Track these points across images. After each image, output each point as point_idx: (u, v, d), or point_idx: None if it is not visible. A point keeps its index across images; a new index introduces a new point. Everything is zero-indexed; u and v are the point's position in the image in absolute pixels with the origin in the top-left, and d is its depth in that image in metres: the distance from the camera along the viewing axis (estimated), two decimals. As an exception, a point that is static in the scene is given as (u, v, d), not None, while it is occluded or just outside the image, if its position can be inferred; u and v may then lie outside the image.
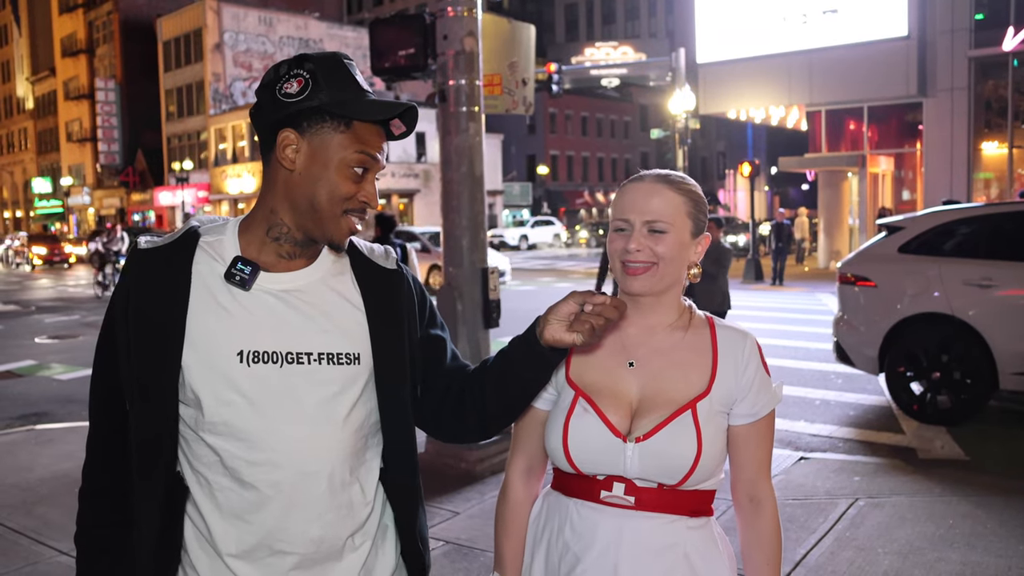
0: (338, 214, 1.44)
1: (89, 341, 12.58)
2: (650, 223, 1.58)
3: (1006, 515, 4.58)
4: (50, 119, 62.84)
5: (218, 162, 46.40)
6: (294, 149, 1.42)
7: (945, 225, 7.08)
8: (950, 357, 6.69)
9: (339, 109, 1.41)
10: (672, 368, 1.60)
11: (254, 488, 1.42)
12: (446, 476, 5.24)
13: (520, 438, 1.73)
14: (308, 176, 1.43)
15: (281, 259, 1.48)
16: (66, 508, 4.89)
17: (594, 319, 1.38)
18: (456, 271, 5.52)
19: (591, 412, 1.58)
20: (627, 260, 1.58)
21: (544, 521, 1.68)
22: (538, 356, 1.46)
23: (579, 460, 1.57)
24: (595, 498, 1.58)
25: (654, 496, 1.56)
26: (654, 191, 1.60)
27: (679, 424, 1.55)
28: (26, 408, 8.13)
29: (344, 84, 1.43)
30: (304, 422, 1.43)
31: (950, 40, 19.61)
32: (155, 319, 1.42)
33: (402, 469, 1.57)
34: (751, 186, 21.73)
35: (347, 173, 1.43)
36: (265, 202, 1.48)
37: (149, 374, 1.42)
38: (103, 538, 1.52)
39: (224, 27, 45.84)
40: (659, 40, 58.69)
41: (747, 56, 22.15)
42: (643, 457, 1.54)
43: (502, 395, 1.54)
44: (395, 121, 1.48)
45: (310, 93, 1.40)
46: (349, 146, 1.42)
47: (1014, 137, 19.96)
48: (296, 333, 1.45)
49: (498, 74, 5.96)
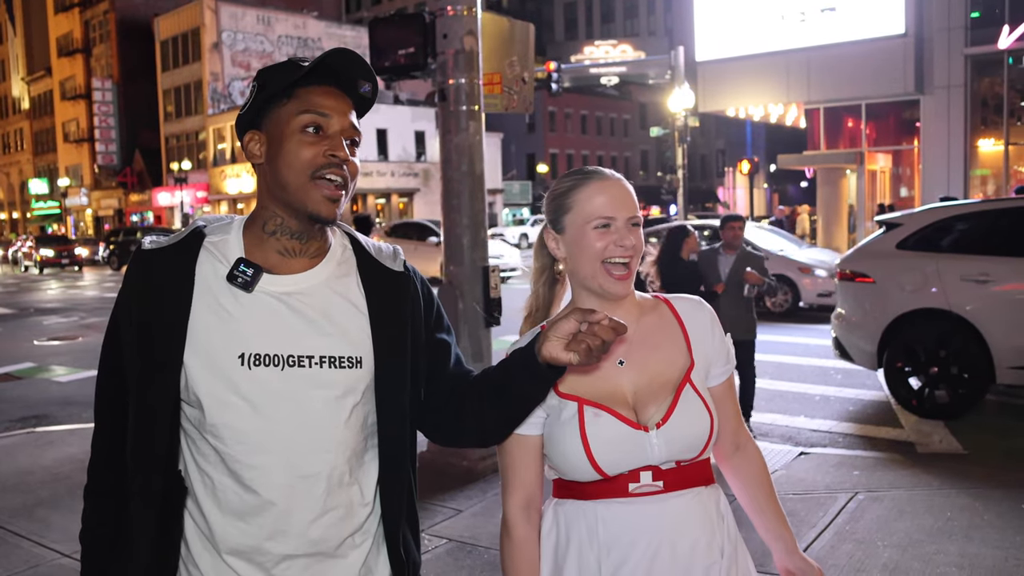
0: (306, 182, 1.44)
1: (88, 343, 12.59)
2: (632, 219, 1.63)
3: (1003, 507, 4.61)
4: (46, 119, 62.68)
5: (217, 162, 46.36)
6: (256, 143, 1.48)
7: (942, 221, 7.12)
8: (948, 352, 6.73)
9: (276, 86, 1.46)
10: (653, 353, 1.65)
11: (254, 489, 1.43)
12: (448, 474, 5.26)
13: (514, 470, 1.66)
14: (272, 160, 1.47)
15: (283, 257, 1.49)
16: (67, 510, 4.90)
17: (591, 340, 1.36)
18: (457, 269, 5.54)
19: (604, 414, 1.59)
20: (615, 256, 1.60)
21: (565, 532, 1.64)
22: (536, 372, 1.44)
23: (605, 463, 1.57)
24: (623, 493, 1.59)
25: (676, 475, 1.61)
26: (624, 188, 1.65)
27: (687, 400, 1.61)
28: (26, 410, 8.13)
29: (283, 68, 1.48)
30: (305, 425, 1.44)
31: (947, 38, 19.62)
32: (158, 321, 1.43)
33: (398, 471, 1.56)
34: (750, 183, 21.78)
35: (301, 138, 1.44)
36: (259, 201, 1.52)
37: (152, 376, 1.43)
38: (107, 537, 1.53)
39: (222, 26, 45.78)
40: (658, 38, 58.70)
41: (746, 54, 22.15)
42: (668, 441, 1.58)
43: (500, 407, 1.53)
44: (358, 81, 1.50)
45: (256, 91, 1.47)
46: (295, 111, 1.45)
47: (1010, 134, 19.99)
48: (298, 336, 1.45)
49: (498, 73, 5.97)
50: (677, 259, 6.64)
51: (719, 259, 6.60)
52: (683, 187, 24.88)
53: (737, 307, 6.34)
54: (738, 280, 6.38)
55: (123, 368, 1.47)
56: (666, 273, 6.54)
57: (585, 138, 62.80)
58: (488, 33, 5.79)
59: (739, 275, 6.38)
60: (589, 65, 31.59)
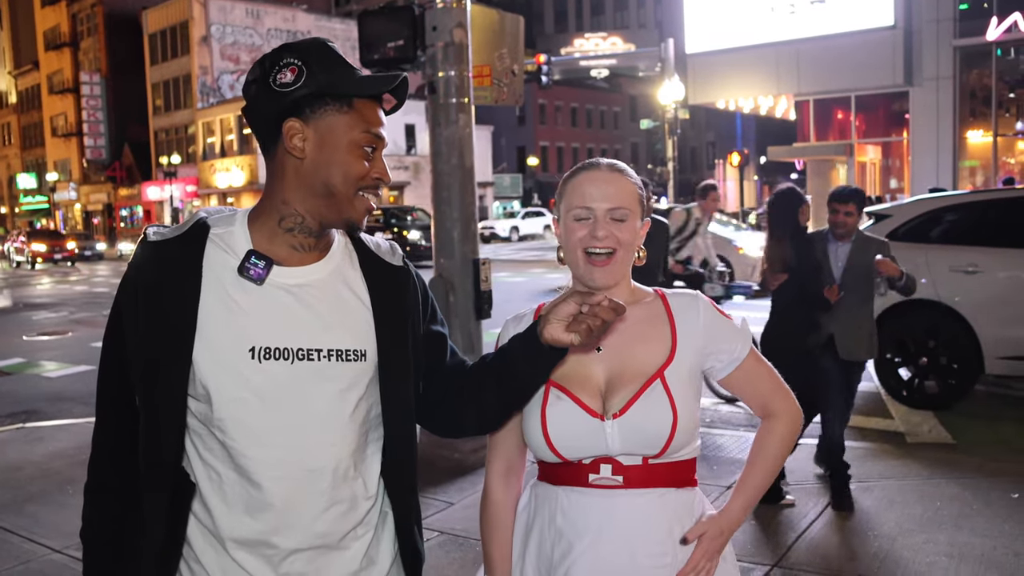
0: (352, 194, 1.45)
1: (79, 338, 12.54)
2: (613, 210, 1.61)
3: (991, 496, 4.64)
4: (34, 114, 62.26)
5: (206, 156, 46.14)
6: (301, 137, 1.43)
7: (931, 213, 7.15)
8: (937, 343, 6.77)
9: (338, 89, 1.42)
10: (633, 343, 1.64)
11: (260, 483, 1.42)
12: (439, 467, 5.26)
13: (496, 440, 1.73)
14: (319, 162, 1.43)
15: (294, 252, 1.48)
16: (57, 506, 4.89)
17: (591, 320, 1.40)
18: (447, 262, 5.54)
19: (565, 398, 1.60)
20: (592, 247, 1.61)
21: (534, 512, 1.69)
22: (537, 354, 1.47)
23: (562, 447, 1.60)
24: (584, 483, 1.60)
25: (641, 472, 1.59)
26: (613, 179, 1.64)
27: (651, 393, 1.58)
28: (15, 406, 8.08)
29: (336, 65, 1.44)
30: (312, 419, 1.44)
31: (935, 30, 19.69)
32: (166, 313, 1.41)
33: (401, 463, 1.57)
34: (740, 176, 21.80)
35: (358, 153, 1.44)
36: (275, 193, 1.47)
37: (159, 369, 1.41)
38: (109, 533, 1.52)
39: (211, 19, 45.51)
40: (648, 30, 58.72)
41: (736, 46, 22.18)
42: (623, 432, 1.57)
43: (500, 392, 1.55)
44: (386, 96, 1.50)
45: (307, 79, 1.41)
46: (356, 126, 1.44)
47: (998, 126, 20.10)
48: (307, 329, 1.45)
49: (487, 65, 5.96)
50: (799, 229, 4.86)
51: (830, 248, 4.88)
52: (673, 179, 24.92)
53: (858, 315, 4.77)
54: (860, 276, 4.77)
55: (126, 361, 1.45)
56: (788, 251, 4.75)
57: (575, 131, 62.76)
58: (478, 26, 5.77)
59: (862, 270, 4.75)
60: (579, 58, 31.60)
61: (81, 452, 5.97)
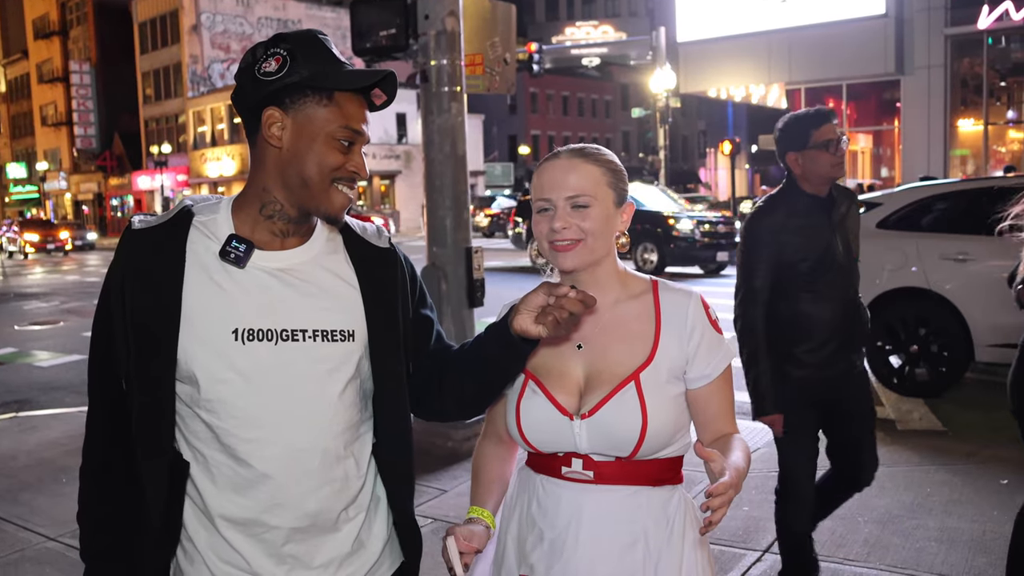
0: (328, 186, 1.46)
1: (70, 327, 12.51)
2: (572, 199, 1.57)
3: (981, 482, 4.69)
4: (23, 103, 61.87)
5: (197, 145, 45.94)
6: (279, 126, 1.44)
7: (922, 201, 7.18)
8: (928, 331, 6.81)
9: (320, 82, 1.43)
10: (616, 343, 1.61)
11: (249, 464, 1.44)
12: (433, 454, 5.27)
13: (490, 419, 1.77)
14: (296, 151, 1.44)
15: (275, 237, 1.50)
16: (52, 494, 4.90)
17: (557, 312, 1.38)
18: (440, 251, 5.54)
19: (539, 393, 1.61)
20: (554, 240, 1.58)
21: (516, 495, 1.71)
22: (509, 345, 1.47)
23: (533, 440, 1.61)
24: (557, 474, 1.61)
25: (614, 469, 1.58)
26: (572, 167, 1.59)
27: (622, 397, 1.55)
28: (7, 395, 8.07)
29: (322, 57, 1.45)
30: (299, 399, 1.45)
31: (927, 18, 19.70)
32: (151, 298, 1.43)
33: (395, 444, 1.59)
34: (732, 164, 21.81)
35: (334, 145, 1.45)
36: (256, 181, 1.49)
37: (146, 353, 1.43)
38: (105, 515, 1.53)
39: (201, 8, 45.22)
40: (639, 19, 58.60)
41: (727, 35, 22.15)
42: (591, 433, 1.56)
43: (477, 380, 1.57)
44: (375, 91, 1.50)
45: (289, 69, 1.42)
46: (334, 120, 1.44)
47: (989, 114, 20.15)
48: (291, 310, 1.46)
49: (479, 54, 5.95)
50: None
51: None
52: (665, 168, 24.93)
53: None
54: None
55: (115, 346, 1.47)
56: None
57: (567, 119, 62.67)
58: (470, 14, 5.76)
59: None
60: (570, 46, 31.55)
61: (74, 441, 5.98)
